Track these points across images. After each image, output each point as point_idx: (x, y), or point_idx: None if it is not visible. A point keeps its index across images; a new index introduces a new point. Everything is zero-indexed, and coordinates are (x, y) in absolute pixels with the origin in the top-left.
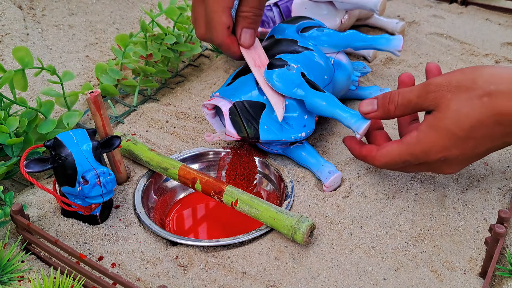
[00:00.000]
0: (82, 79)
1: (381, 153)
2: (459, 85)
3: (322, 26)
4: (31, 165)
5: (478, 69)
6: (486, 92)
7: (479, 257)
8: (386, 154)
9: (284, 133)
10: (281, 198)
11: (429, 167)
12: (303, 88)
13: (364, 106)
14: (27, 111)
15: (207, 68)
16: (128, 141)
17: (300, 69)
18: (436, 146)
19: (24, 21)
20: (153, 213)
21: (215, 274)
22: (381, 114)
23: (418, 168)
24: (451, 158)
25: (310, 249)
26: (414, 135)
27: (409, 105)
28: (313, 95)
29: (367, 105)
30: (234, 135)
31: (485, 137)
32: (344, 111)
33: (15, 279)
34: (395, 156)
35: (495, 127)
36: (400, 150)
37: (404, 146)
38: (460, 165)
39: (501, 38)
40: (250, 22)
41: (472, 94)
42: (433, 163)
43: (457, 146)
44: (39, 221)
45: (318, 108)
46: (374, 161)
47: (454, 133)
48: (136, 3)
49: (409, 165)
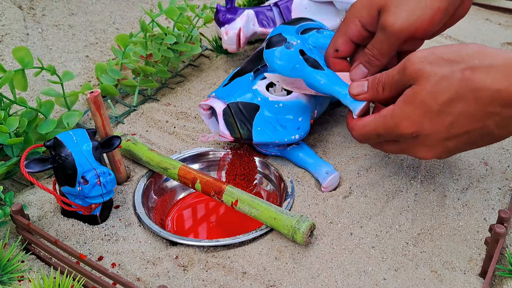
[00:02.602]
0: (82, 79)
1: (358, 124)
2: (442, 57)
3: (322, 28)
4: (31, 165)
5: (465, 44)
6: (469, 66)
7: (479, 257)
8: (362, 125)
9: (277, 135)
10: (281, 198)
11: (402, 145)
12: (302, 66)
13: (354, 88)
14: (27, 111)
15: (207, 68)
16: (128, 141)
17: (299, 46)
18: (408, 118)
19: (24, 21)
20: (153, 213)
21: (215, 274)
22: (371, 96)
23: (392, 146)
24: (423, 135)
25: (310, 249)
26: (390, 108)
27: (393, 83)
28: (312, 73)
29: (357, 87)
30: (227, 136)
31: (462, 114)
32: (343, 89)
33: (15, 279)
34: (371, 129)
35: (473, 104)
36: (376, 122)
37: (379, 119)
38: (434, 148)
39: (501, 38)
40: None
41: (455, 68)
42: (405, 140)
43: (431, 121)
44: (39, 221)
45: (316, 86)
46: (353, 131)
47: (429, 106)
48: (136, 3)
49: (383, 141)
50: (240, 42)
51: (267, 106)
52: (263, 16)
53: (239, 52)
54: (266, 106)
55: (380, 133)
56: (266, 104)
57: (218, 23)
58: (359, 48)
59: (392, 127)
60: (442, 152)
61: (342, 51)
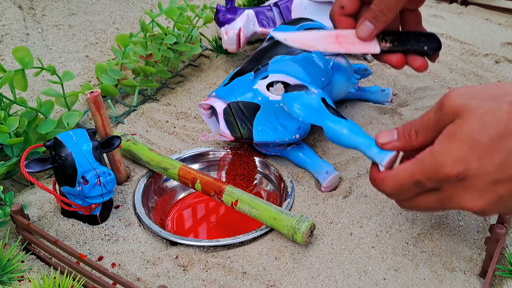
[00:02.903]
0: (82, 79)
1: (389, 175)
2: (483, 91)
3: (322, 28)
4: (31, 165)
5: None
6: None
7: (479, 257)
8: (394, 175)
9: (278, 135)
10: (281, 198)
11: (445, 194)
12: (323, 113)
13: (382, 137)
14: (27, 111)
15: (207, 68)
16: (128, 141)
17: (320, 94)
18: (453, 155)
19: (24, 21)
20: (153, 213)
21: (215, 274)
22: (402, 144)
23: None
24: (471, 176)
25: (310, 249)
26: (428, 150)
27: (429, 124)
28: (334, 121)
29: (385, 136)
30: (227, 135)
31: None
32: (367, 139)
33: (15, 279)
34: (406, 178)
35: None
36: (412, 168)
37: (416, 164)
38: (484, 194)
39: (501, 38)
40: (373, 16)
41: (501, 100)
42: (448, 186)
43: (479, 158)
44: (39, 221)
45: (338, 136)
46: (382, 185)
47: (476, 140)
48: (136, 3)
49: (420, 192)
50: (240, 42)
51: (268, 105)
52: (263, 16)
53: (239, 52)
54: (266, 106)
55: (418, 180)
56: (266, 103)
57: (218, 23)
58: (364, 5)
59: (433, 169)
60: (492, 201)
61: (348, 8)
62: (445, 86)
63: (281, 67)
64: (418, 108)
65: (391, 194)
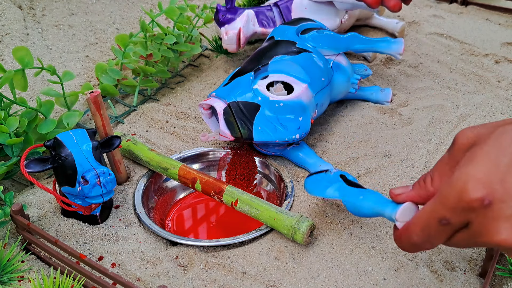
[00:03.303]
0: (82, 79)
1: (409, 223)
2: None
3: (322, 28)
4: (31, 165)
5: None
6: None
7: (479, 257)
8: (415, 220)
9: (277, 134)
10: (281, 198)
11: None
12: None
13: (397, 189)
14: (27, 111)
15: (207, 68)
16: (128, 141)
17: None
18: (472, 179)
19: (24, 21)
20: (153, 213)
21: (215, 274)
22: (416, 192)
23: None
24: (497, 200)
25: (310, 249)
26: (446, 180)
27: (443, 165)
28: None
29: (400, 188)
30: (227, 135)
31: None
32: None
33: (15, 279)
34: (428, 217)
35: None
36: (433, 205)
37: (435, 198)
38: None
39: (501, 38)
40: None
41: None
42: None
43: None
44: (39, 221)
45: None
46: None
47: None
48: (136, 3)
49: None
50: (240, 42)
51: (268, 105)
52: (263, 16)
53: (239, 52)
54: (266, 106)
55: (443, 217)
56: (266, 103)
57: (218, 23)
58: None
59: (454, 198)
60: None
61: None
62: (445, 86)
63: (281, 67)
64: (418, 108)
65: (419, 238)
